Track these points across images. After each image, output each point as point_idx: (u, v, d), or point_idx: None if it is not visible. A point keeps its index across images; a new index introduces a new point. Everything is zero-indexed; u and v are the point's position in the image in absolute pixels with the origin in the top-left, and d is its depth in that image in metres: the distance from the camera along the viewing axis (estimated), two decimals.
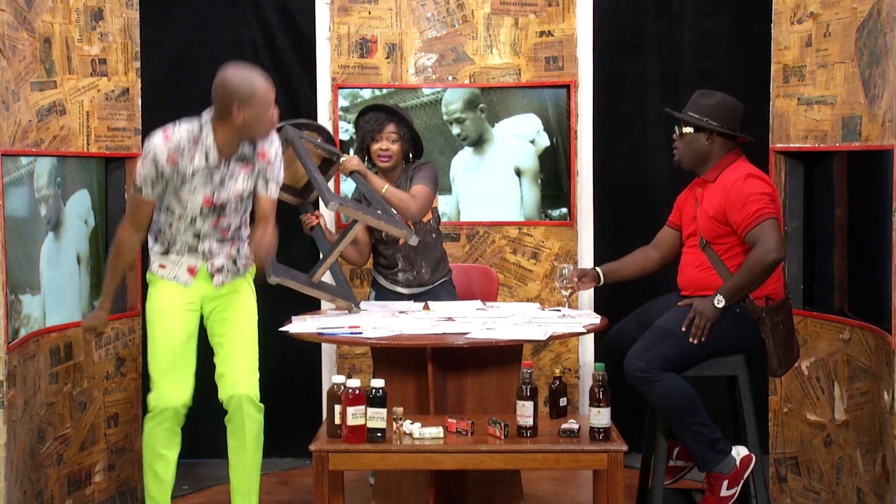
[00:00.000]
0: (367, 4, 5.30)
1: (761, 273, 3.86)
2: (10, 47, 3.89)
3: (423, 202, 4.60)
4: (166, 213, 3.89)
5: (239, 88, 3.72)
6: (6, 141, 3.83)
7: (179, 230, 3.91)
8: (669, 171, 5.14)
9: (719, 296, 3.89)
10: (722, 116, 4.03)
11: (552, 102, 5.30)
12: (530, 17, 5.31)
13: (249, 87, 3.73)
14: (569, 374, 5.33)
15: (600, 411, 3.63)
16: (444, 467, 3.69)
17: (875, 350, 4.02)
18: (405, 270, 4.75)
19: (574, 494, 4.82)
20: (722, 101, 4.05)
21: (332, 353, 5.36)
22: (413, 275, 4.75)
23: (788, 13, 4.48)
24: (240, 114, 3.73)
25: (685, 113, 4.07)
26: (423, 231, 4.72)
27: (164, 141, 3.77)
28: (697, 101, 4.08)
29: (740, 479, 3.92)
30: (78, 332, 4.31)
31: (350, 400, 3.62)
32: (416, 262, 4.74)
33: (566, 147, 5.29)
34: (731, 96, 4.08)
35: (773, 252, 3.84)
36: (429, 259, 4.77)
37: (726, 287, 3.90)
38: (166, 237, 3.93)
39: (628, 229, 5.25)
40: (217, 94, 3.75)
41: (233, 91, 3.72)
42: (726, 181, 4.00)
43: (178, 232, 3.91)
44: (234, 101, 3.71)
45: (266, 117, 3.80)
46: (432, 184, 4.66)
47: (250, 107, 3.73)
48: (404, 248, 4.72)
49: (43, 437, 4.11)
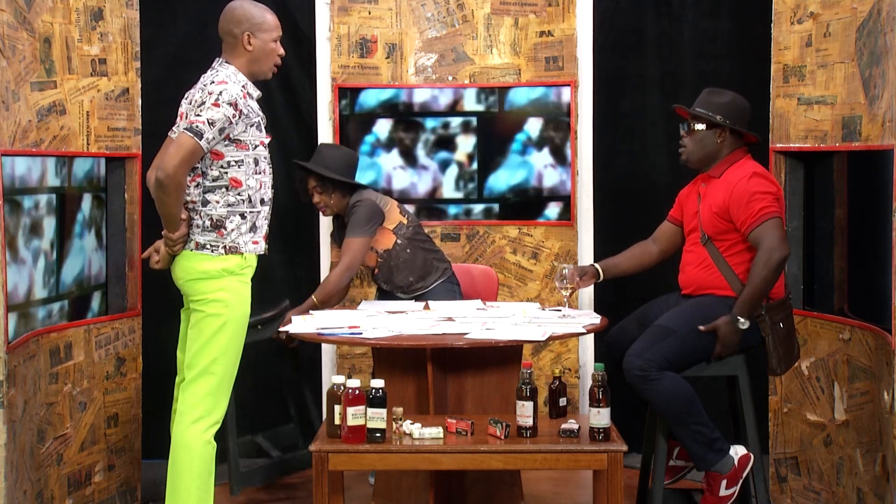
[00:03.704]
0: (367, 4, 5.30)
1: (771, 275, 3.86)
2: (10, 47, 3.89)
3: (354, 255, 4.60)
4: (256, 169, 3.80)
5: (250, 14, 3.81)
6: (6, 141, 3.83)
7: (266, 186, 3.84)
8: (669, 171, 5.14)
9: (739, 318, 3.87)
10: (734, 114, 4.04)
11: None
12: (530, 17, 5.31)
13: (260, 15, 3.83)
14: (569, 374, 5.33)
15: (600, 411, 3.63)
16: (444, 467, 3.69)
17: (875, 350, 4.02)
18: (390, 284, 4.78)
19: (574, 494, 4.82)
20: (734, 99, 4.06)
21: (332, 353, 5.36)
22: (399, 289, 4.80)
23: (788, 13, 4.48)
24: (250, 43, 3.80)
25: (696, 110, 4.07)
26: (390, 256, 4.74)
27: (234, 84, 3.75)
28: (709, 98, 4.08)
29: (739, 478, 3.92)
30: (78, 331, 4.32)
31: (350, 400, 3.62)
32: (397, 280, 4.76)
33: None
34: (739, 95, 4.09)
35: (776, 250, 3.84)
36: (413, 271, 4.77)
37: (742, 303, 3.88)
38: (256, 202, 3.80)
39: (628, 229, 5.23)
40: (228, 25, 3.84)
41: (244, 18, 3.81)
42: (731, 178, 4.00)
43: (266, 189, 3.84)
44: (245, 29, 3.79)
45: (274, 48, 3.86)
46: (361, 230, 4.63)
47: (259, 35, 3.81)
48: (378, 276, 4.80)
49: (43, 437, 4.11)
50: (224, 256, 3.75)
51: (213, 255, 3.74)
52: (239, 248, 3.77)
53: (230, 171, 3.76)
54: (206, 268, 3.75)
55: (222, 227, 3.75)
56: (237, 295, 3.77)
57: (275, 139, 5.40)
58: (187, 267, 3.78)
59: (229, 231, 3.75)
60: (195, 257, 3.75)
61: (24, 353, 3.93)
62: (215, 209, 3.75)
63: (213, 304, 3.74)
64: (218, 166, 3.76)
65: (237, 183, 3.76)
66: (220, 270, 3.74)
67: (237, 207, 3.77)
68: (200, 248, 3.75)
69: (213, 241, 3.75)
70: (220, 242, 3.75)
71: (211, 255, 3.74)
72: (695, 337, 3.91)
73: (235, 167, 3.76)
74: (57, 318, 4.35)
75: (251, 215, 3.79)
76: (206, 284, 3.75)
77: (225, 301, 3.74)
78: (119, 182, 4.61)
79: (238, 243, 3.76)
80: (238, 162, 3.76)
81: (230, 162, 3.76)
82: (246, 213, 3.78)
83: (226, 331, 3.74)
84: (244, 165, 3.77)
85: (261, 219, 3.84)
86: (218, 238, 3.75)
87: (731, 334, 3.89)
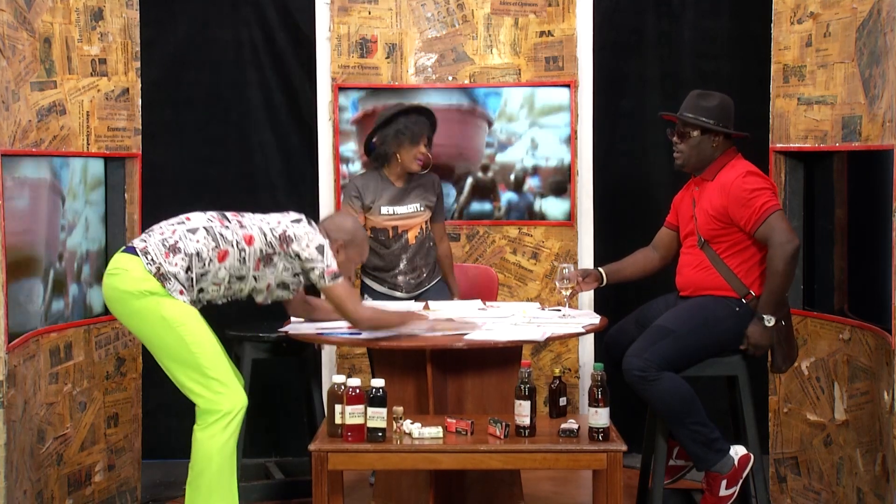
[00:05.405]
0: (367, 4, 5.30)
1: (788, 268, 3.87)
2: (10, 47, 3.89)
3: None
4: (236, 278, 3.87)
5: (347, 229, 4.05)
6: (6, 141, 3.83)
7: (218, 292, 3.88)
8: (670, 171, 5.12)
9: (765, 316, 3.90)
10: (723, 116, 4.05)
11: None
12: (530, 17, 5.31)
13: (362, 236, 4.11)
14: (569, 374, 5.33)
15: (598, 411, 3.63)
16: (444, 467, 3.69)
17: (875, 350, 4.02)
18: (406, 273, 4.75)
19: (574, 494, 4.82)
20: (722, 101, 4.06)
21: (332, 353, 5.36)
22: (414, 277, 4.76)
23: (788, 13, 4.48)
24: (339, 252, 3.96)
25: (689, 116, 4.06)
26: (425, 236, 4.78)
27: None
28: (699, 103, 4.07)
29: (739, 478, 3.92)
30: (78, 331, 4.32)
31: (350, 399, 3.62)
32: (418, 264, 4.75)
33: None
34: (724, 94, 4.10)
35: (788, 243, 3.86)
36: (428, 261, 4.79)
37: (764, 302, 3.91)
38: (200, 285, 3.81)
39: (628, 229, 5.25)
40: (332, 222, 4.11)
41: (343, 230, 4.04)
42: (725, 179, 4.00)
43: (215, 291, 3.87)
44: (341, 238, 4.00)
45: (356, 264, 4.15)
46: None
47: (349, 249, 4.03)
48: (408, 249, 4.73)
49: (43, 437, 4.11)
50: (152, 277, 3.70)
51: (144, 267, 3.70)
52: (167, 283, 3.71)
53: (233, 250, 3.81)
54: (128, 287, 3.72)
55: (173, 254, 3.72)
56: (165, 306, 3.72)
57: (275, 139, 5.44)
58: (110, 285, 3.75)
59: (173, 263, 3.71)
60: (129, 261, 3.73)
61: (24, 353, 3.93)
62: (189, 242, 3.76)
63: (154, 324, 3.73)
64: (237, 238, 3.83)
65: (221, 258, 3.79)
66: (144, 291, 3.71)
67: (195, 263, 3.76)
68: (143, 254, 3.73)
69: (154, 257, 3.71)
70: (158, 264, 3.71)
71: (143, 265, 3.70)
72: (694, 337, 3.92)
73: (237, 256, 3.82)
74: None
75: (188, 281, 3.75)
76: (133, 304, 3.73)
77: (162, 316, 3.72)
78: (119, 182, 4.61)
79: (169, 279, 3.71)
80: (243, 260, 3.83)
81: (244, 250, 3.83)
82: (192, 274, 3.76)
83: (188, 338, 3.72)
84: (239, 264, 3.83)
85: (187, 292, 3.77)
86: (161, 258, 3.71)
87: (763, 336, 3.92)
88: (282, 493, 4.77)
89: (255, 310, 4.14)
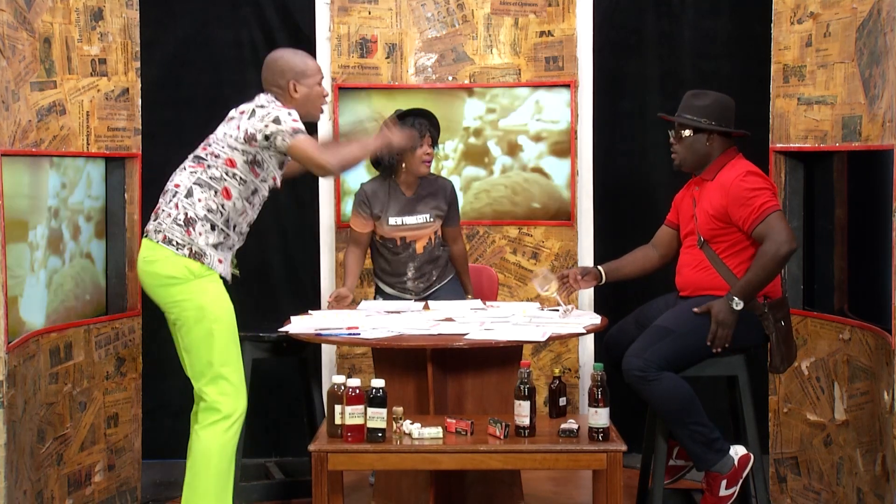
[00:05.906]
0: (367, 4, 5.31)
1: (776, 267, 3.86)
2: (10, 47, 3.89)
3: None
4: (250, 196, 3.82)
5: (292, 63, 3.88)
6: (6, 141, 3.84)
7: (247, 218, 3.85)
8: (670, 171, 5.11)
9: (735, 297, 3.87)
10: (718, 115, 4.05)
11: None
12: (530, 17, 5.31)
13: (301, 62, 3.92)
14: (569, 374, 5.33)
15: (598, 411, 3.63)
16: (444, 467, 3.69)
17: (875, 350, 4.02)
18: (414, 279, 4.76)
19: (574, 494, 4.82)
20: (717, 100, 4.06)
21: (332, 353, 5.36)
22: (423, 281, 4.78)
23: (788, 13, 4.48)
24: (296, 90, 3.87)
25: (682, 116, 4.08)
26: (433, 246, 4.79)
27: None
28: (692, 102, 4.08)
29: (739, 478, 3.92)
30: (78, 331, 4.32)
31: (350, 400, 3.62)
32: (426, 270, 4.76)
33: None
34: (722, 94, 4.09)
35: (785, 244, 3.85)
36: (438, 265, 4.80)
37: (740, 287, 3.88)
38: (231, 225, 3.80)
39: (628, 229, 5.25)
40: (272, 77, 3.89)
41: (286, 68, 3.87)
42: (725, 179, 4.00)
43: (245, 220, 3.85)
44: (290, 79, 3.85)
45: (319, 91, 3.93)
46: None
47: (303, 81, 3.88)
48: (416, 258, 4.74)
49: (43, 437, 4.11)
50: (188, 259, 3.72)
51: (176, 254, 3.71)
52: (204, 258, 3.73)
53: (229, 181, 3.77)
54: (171, 272, 3.72)
55: (191, 227, 3.73)
56: (209, 295, 3.74)
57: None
58: (152, 272, 3.75)
59: (197, 234, 3.72)
60: (160, 251, 3.72)
61: (24, 353, 3.93)
62: (194, 206, 3.74)
63: (192, 311, 3.73)
64: (223, 170, 3.77)
65: (227, 195, 3.76)
66: (186, 272, 3.71)
67: (212, 217, 3.76)
68: (167, 243, 3.73)
69: (179, 240, 3.72)
70: (187, 243, 3.72)
71: (175, 252, 3.71)
72: (694, 337, 3.91)
73: (235, 182, 3.78)
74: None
75: (221, 234, 3.77)
76: (175, 290, 3.73)
77: (201, 306, 3.72)
78: (119, 182, 4.61)
79: (205, 252, 3.73)
80: (241, 180, 3.78)
81: (235, 174, 3.77)
82: (218, 227, 3.76)
83: (216, 335, 3.73)
84: (243, 187, 3.79)
85: (225, 248, 3.80)
86: (185, 237, 3.72)
87: (726, 312, 3.87)
88: (282, 493, 4.77)
89: (256, 310, 4.14)
